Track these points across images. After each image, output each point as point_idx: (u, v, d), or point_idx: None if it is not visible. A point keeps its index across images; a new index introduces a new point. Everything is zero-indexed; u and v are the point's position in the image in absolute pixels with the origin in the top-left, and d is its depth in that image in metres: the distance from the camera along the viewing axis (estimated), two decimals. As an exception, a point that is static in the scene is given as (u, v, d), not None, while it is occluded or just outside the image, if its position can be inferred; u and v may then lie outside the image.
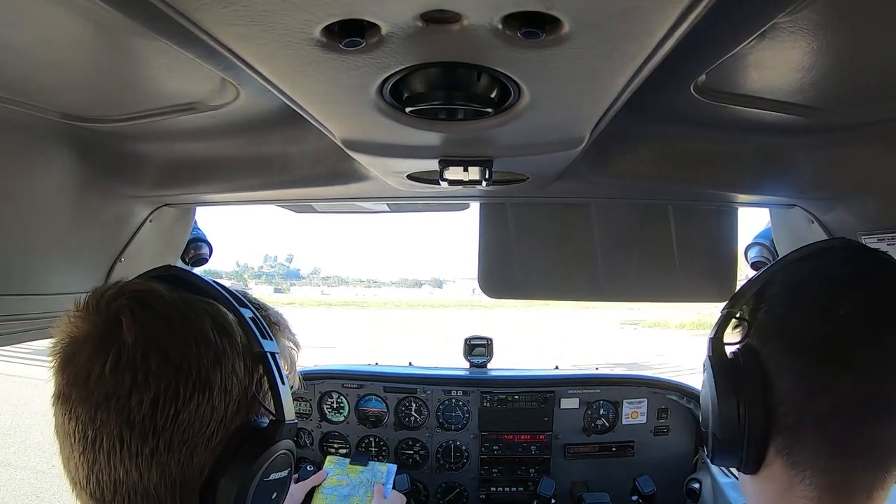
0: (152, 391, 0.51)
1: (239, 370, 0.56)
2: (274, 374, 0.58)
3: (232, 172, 1.08)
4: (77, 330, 0.54)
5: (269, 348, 0.59)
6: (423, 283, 52.86)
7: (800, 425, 0.55)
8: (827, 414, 0.54)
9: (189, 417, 0.52)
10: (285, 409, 0.58)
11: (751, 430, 0.57)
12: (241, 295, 0.63)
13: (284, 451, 0.58)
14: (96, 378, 0.51)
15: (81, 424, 0.51)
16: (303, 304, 33.57)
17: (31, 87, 0.74)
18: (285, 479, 0.60)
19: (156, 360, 0.51)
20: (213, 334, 0.55)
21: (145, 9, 0.44)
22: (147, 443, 0.51)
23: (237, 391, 0.56)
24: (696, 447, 1.87)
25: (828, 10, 0.53)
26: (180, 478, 0.53)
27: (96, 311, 0.54)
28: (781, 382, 0.56)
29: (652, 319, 23.84)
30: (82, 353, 0.52)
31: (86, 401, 0.51)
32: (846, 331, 0.54)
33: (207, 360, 0.54)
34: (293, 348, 0.72)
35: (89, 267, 1.10)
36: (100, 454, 0.51)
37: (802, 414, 0.55)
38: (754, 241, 1.34)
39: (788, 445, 0.56)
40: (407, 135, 0.71)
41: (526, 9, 0.43)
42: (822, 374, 0.54)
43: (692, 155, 1.00)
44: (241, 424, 0.56)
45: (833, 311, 0.54)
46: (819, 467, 0.54)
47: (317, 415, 1.90)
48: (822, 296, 0.56)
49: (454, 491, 1.88)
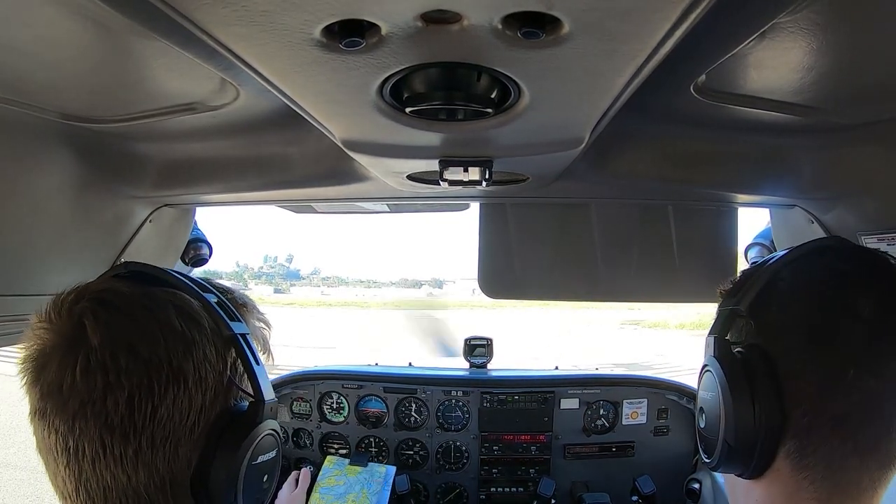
0: (126, 390, 0.50)
1: (211, 356, 0.56)
2: (247, 355, 0.57)
3: (232, 173, 1.08)
4: (43, 341, 0.53)
5: (239, 330, 0.58)
6: (423, 284, 52.86)
7: (815, 427, 0.54)
8: (845, 414, 0.53)
9: (168, 411, 0.52)
10: (263, 388, 0.57)
11: (766, 433, 0.55)
12: (205, 281, 0.63)
13: (269, 431, 0.58)
14: (69, 386, 0.50)
15: (61, 436, 0.51)
16: (303, 305, 33.56)
17: (31, 88, 0.74)
18: (274, 460, 0.59)
19: (125, 359, 0.51)
20: (180, 324, 0.54)
21: (145, 9, 0.44)
22: (129, 443, 0.51)
23: (212, 378, 0.55)
24: (695, 447, 1.87)
25: (828, 10, 0.53)
26: (168, 474, 0.52)
27: (59, 319, 0.53)
28: (799, 383, 0.54)
29: (652, 319, 23.83)
30: (51, 363, 0.51)
31: (62, 411, 0.51)
32: (871, 332, 0.53)
33: (177, 350, 0.53)
34: (264, 328, 0.70)
35: (89, 267, 1.10)
36: (84, 463, 0.51)
37: (819, 415, 0.53)
38: (754, 241, 1.34)
39: (800, 448, 0.54)
40: (407, 135, 0.71)
41: (526, 9, 0.43)
42: (846, 375, 0.53)
43: (692, 155, 1.00)
44: (221, 411, 0.56)
45: (856, 312, 0.53)
46: (832, 468, 0.53)
47: (317, 415, 1.90)
48: (841, 296, 0.55)
49: (454, 491, 1.88)
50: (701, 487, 1.70)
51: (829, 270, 0.58)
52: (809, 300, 0.57)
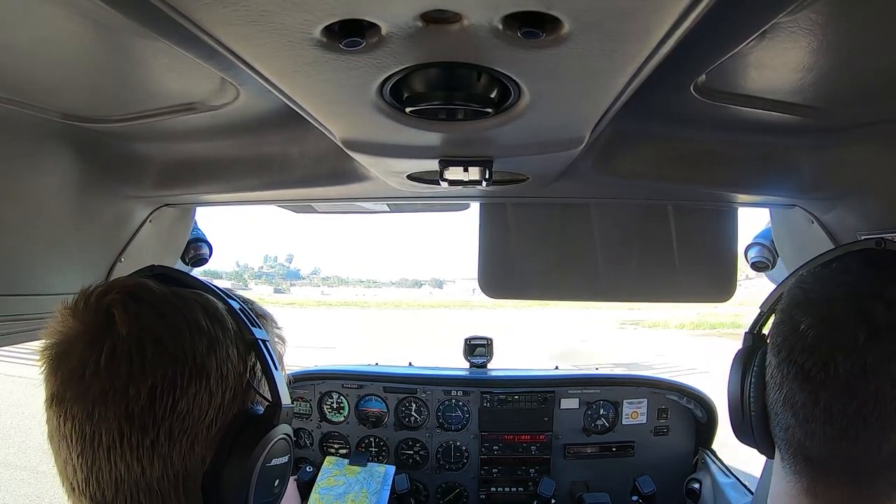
0: (149, 381, 0.51)
1: (233, 356, 0.56)
2: (267, 359, 0.58)
3: (232, 172, 1.08)
4: (67, 329, 0.53)
5: (260, 336, 0.59)
6: (423, 284, 52.87)
7: (777, 421, 0.58)
8: (788, 420, 0.56)
9: (188, 405, 0.52)
10: (281, 394, 0.58)
11: (753, 419, 0.62)
12: (227, 291, 0.64)
13: (283, 435, 0.58)
14: (91, 373, 0.50)
15: (78, 423, 0.51)
16: (303, 305, 33.57)
17: (31, 87, 0.74)
18: (286, 465, 0.60)
19: (151, 350, 0.51)
20: (206, 322, 0.55)
21: (145, 9, 0.44)
22: (147, 434, 0.51)
23: (232, 377, 0.56)
24: (696, 447, 1.87)
25: (828, 10, 0.53)
26: (182, 470, 0.53)
27: (86, 309, 0.53)
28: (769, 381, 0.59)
29: (652, 319, 23.84)
30: (74, 351, 0.52)
31: (82, 398, 0.51)
32: (804, 346, 0.55)
33: (202, 346, 0.54)
34: (279, 342, 0.71)
35: (89, 267, 1.10)
36: (99, 451, 0.51)
37: (776, 414, 0.58)
38: (754, 241, 1.33)
39: (778, 440, 0.59)
40: (407, 135, 0.71)
41: (526, 9, 0.43)
42: (808, 374, 0.55)
43: (692, 155, 1.00)
44: (239, 412, 0.56)
45: (800, 323, 0.55)
46: (795, 469, 0.57)
47: (317, 415, 1.90)
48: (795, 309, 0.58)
49: (454, 491, 1.88)
50: (701, 487, 1.70)
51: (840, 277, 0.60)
52: (793, 310, 0.59)
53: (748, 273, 1.39)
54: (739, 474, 1.67)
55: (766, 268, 1.30)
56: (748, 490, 1.57)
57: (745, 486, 1.59)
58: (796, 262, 1.19)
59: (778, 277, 1.31)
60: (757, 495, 1.37)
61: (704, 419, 1.84)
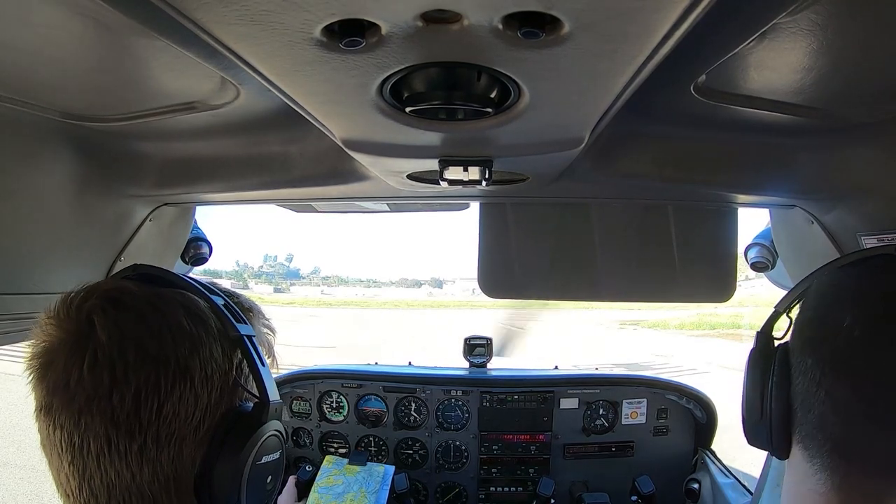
0: (133, 386, 0.51)
1: (217, 355, 0.56)
2: (253, 356, 0.58)
3: (232, 172, 1.08)
4: (50, 338, 0.53)
5: (245, 332, 0.59)
6: (423, 283, 52.88)
7: (807, 419, 0.57)
8: (825, 416, 0.55)
9: (173, 408, 0.52)
10: (268, 389, 0.58)
11: (773, 418, 0.60)
12: (211, 285, 0.63)
13: (273, 432, 0.58)
14: (76, 382, 0.50)
15: (66, 432, 0.51)
16: (303, 304, 33.57)
17: (31, 86, 0.74)
18: (278, 462, 0.59)
19: (133, 354, 0.51)
20: (187, 322, 0.55)
21: (146, 8, 0.44)
22: (135, 440, 0.51)
23: (218, 377, 0.55)
24: (695, 447, 1.87)
25: (828, 10, 0.53)
26: (173, 473, 0.53)
27: (67, 317, 0.53)
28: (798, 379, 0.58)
29: (652, 320, 23.83)
30: (58, 360, 0.52)
31: (68, 407, 0.51)
32: (847, 341, 0.54)
33: (184, 348, 0.54)
34: (269, 333, 0.71)
35: (89, 266, 1.10)
36: (89, 459, 0.51)
37: (809, 411, 0.57)
38: (754, 242, 1.33)
39: (803, 438, 0.58)
40: (407, 135, 0.71)
41: (526, 9, 0.43)
42: (824, 378, 0.55)
43: (692, 155, 1.00)
44: (226, 410, 0.56)
45: (841, 322, 0.55)
46: (826, 465, 0.55)
47: (316, 414, 1.90)
48: (835, 307, 0.57)
49: (453, 491, 1.88)
50: (700, 487, 1.70)
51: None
52: (821, 309, 0.60)
53: (748, 273, 1.40)
54: (739, 474, 1.67)
55: (766, 268, 1.30)
56: (747, 490, 1.57)
57: (745, 487, 1.59)
58: (796, 263, 1.19)
59: (777, 278, 1.31)
60: (756, 495, 1.37)
61: (704, 419, 1.84)
